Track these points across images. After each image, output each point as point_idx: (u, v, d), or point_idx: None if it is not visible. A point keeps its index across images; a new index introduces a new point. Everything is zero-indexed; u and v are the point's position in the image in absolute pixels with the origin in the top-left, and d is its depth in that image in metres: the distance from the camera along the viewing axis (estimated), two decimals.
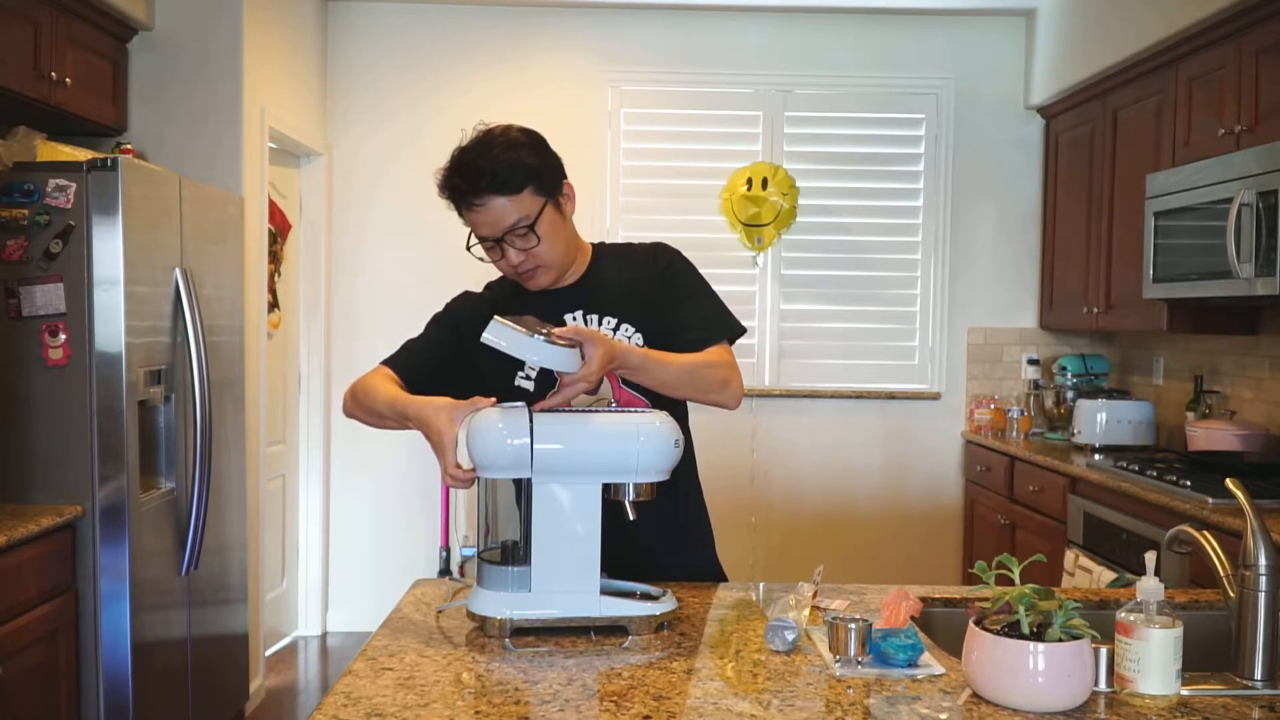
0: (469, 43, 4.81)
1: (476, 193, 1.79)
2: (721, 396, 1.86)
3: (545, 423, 1.61)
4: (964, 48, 4.87)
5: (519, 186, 1.79)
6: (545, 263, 1.87)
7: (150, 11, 3.65)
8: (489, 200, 1.79)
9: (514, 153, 1.80)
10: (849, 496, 4.94)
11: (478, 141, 1.82)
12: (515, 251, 1.83)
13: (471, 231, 1.87)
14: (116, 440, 2.81)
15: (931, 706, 1.32)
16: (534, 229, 1.81)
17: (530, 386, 1.90)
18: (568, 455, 1.60)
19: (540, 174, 1.82)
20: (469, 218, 1.84)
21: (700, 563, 2.02)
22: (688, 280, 1.98)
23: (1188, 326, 3.70)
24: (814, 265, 4.90)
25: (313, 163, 4.72)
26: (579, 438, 1.61)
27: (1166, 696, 1.34)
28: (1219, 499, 2.84)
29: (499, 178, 1.78)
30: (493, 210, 1.80)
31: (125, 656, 2.81)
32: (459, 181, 1.80)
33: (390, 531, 4.88)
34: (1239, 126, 3.24)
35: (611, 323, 1.92)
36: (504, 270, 1.91)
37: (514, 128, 1.85)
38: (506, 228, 1.81)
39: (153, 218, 2.98)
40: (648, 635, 1.60)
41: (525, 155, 1.81)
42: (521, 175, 1.79)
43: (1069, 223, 4.56)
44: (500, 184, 1.78)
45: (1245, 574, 1.46)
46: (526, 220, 1.81)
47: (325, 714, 1.29)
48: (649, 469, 1.61)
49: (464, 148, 1.83)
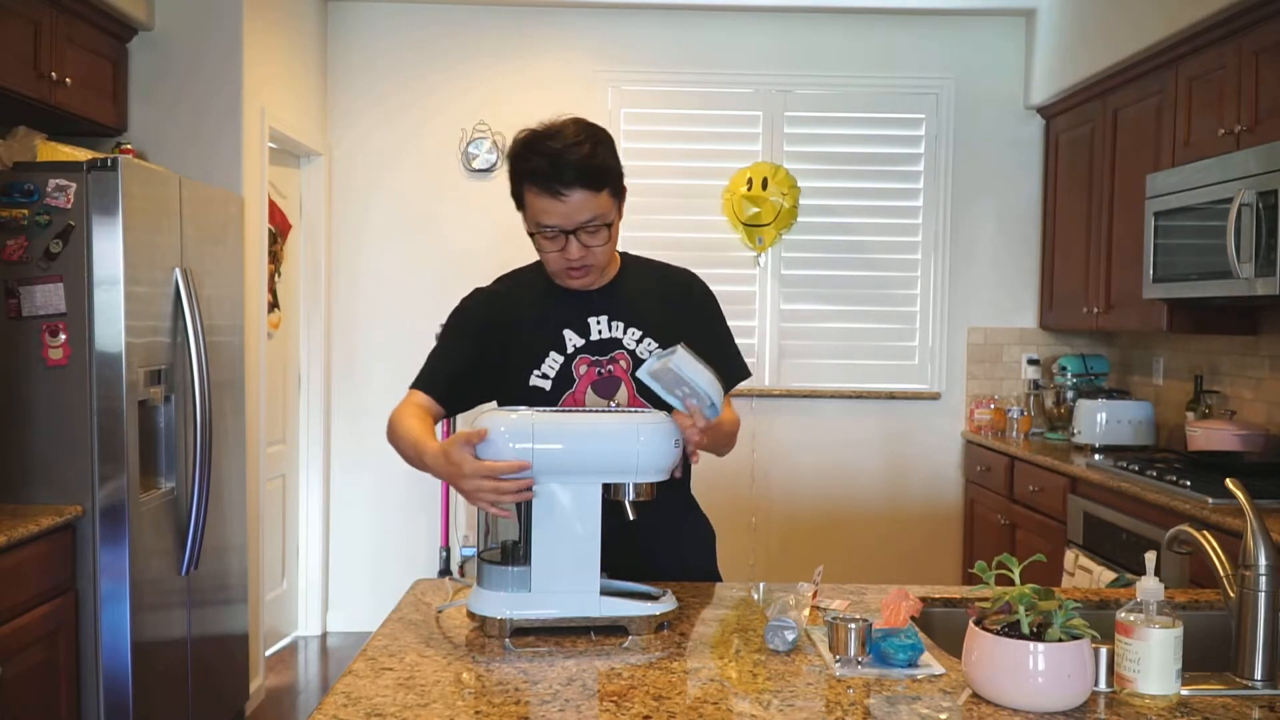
0: (469, 43, 4.81)
1: (566, 184, 1.78)
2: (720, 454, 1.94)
3: (546, 423, 1.61)
4: (964, 48, 4.87)
5: (603, 185, 1.81)
6: (599, 262, 1.88)
7: (150, 11, 3.65)
8: (576, 193, 1.79)
9: (604, 152, 1.82)
10: (849, 496, 4.93)
11: (566, 131, 1.81)
12: (579, 246, 1.83)
13: (529, 217, 1.84)
14: (116, 440, 2.81)
15: (931, 706, 1.32)
16: (610, 228, 1.84)
17: (546, 386, 1.91)
18: (568, 455, 1.60)
19: (619, 177, 1.86)
20: (542, 204, 1.80)
21: (697, 564, 2.02)
22: (716, 318, 2.02)
23: (1188, 326, 3.70)
24: (814, 265, 4.90)
25: (313, 163, 4.72)
26: (580, 438, 1.61)
27: (1166, 696, 1.34)
28: (1219, 499, 2.84)
29: (591, 174, 1.79)
30: (575, 203, 1.79)
31: (125, 656, 2.81)
32: (549, 168, 1.78)
33: (390, 531, 4.88)
34: (1239, 126, 3.24)
35: (636, 334, 1.93)
36: (554, 263, 1.88)
37: (594, 124, 1.86)
38: (581, 222, 1.81)
39: (153, 218, 2.98)
40: (648, 635, 1.60)
41: (610, 157, 1.83)
42: (608, 175, 1.82)
43: (1069, 223, 4.56)
44: (589, 179, 1.79)
45: (1245, 574, 1.46)
46: (603, 219, 1.82)
47: (325, 714, 1.29)
48: (649, 469, 1.61)
49: (550, 134, 1.80)
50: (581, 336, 1.93)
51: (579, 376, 1.92)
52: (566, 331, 1.93)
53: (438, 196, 4.81)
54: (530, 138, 1.82)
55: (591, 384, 1.91)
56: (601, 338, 1.93)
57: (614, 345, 1.93)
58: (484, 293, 2.02)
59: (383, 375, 4.84)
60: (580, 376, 1.92)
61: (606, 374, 1.92)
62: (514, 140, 1.85)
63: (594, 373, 1.91)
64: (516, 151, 1.83)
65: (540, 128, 1.83)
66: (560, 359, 1.91)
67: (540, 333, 1.93)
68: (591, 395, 1.91)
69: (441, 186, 4.81)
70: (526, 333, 1.94)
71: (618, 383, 1.92)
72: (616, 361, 1.92)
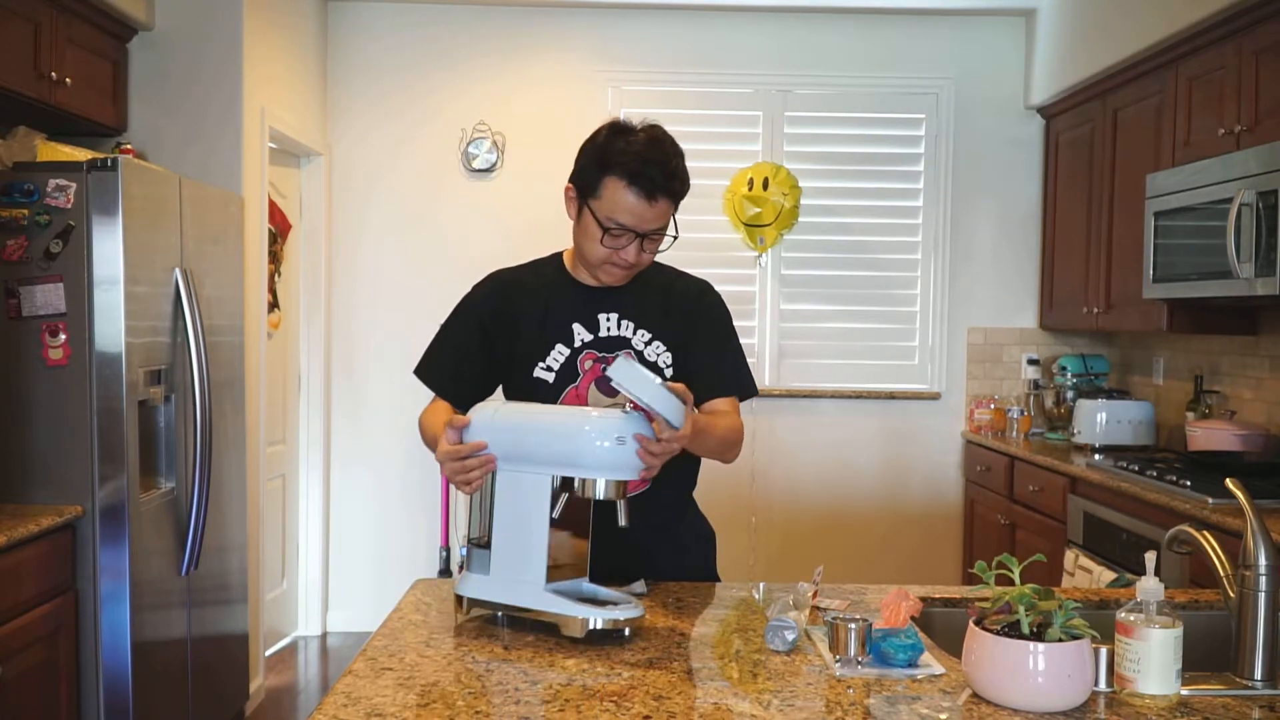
0: (469, 42, 4.81)
1: (664, 192, 1.81)
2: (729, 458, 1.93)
3: (508, 412, 1.65)
4: (964, 48, 4.87)
5: (679, 200, 1.86)
6: (640, 267, 1.90)
7: (150, 11, 3.65)
8: (664, 202, 1.82)
9: (685, 169, 1.86)
10: (849, 496, 4.93)
11: (666, 141, 1.84)
12: (637, 250, 1.85)
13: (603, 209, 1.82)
14: (116, 440, 2.81)
15: (931, 706, 1.32)
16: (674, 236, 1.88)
17: (550, 378, 1.91)
18: (519, 444, 1.63)
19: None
20: (629, 202, 1.80)
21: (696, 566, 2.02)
22: (725, 328, 2.01)
23: (1188, 326, 3.70)
24: (814, 265, 4.90)
25: (313, 163, 4.72)
26: (529, 430, 1.63)
27: (1166, 696, 1.34)
28: (1219, 499, 2.84)
29: (680, 189, 1.85)
30: (659, 210, 1.82)
31: (125, 656, 2.81)
32: (655, 174, 1.80)
33: (390, 531, 4.88)
34: (1239, 126, 3.24)
35: (646, 336, 1.93)
36: (602, 256, 1.86)
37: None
38: (654, 229, 1.84)
39: (153, 218, 2.98)
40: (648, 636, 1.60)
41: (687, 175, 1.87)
42: (687, 190, 1.87)
43: (1069, 223, 4.56)
44: (677, 194, 1.84)
45: (1245, 574, 1.46)
46: (669, 226, 1.86)
47: (325, 714, 1.29)
48: (594, 464, 1.58)
49: (653, 139, 1.82)
50: (590, 332, 1.92)
51: (583, 372, 1.91)
52: (575, 325, 1.92)
53: (438, 196, 4.81)
54: (632, 135, 1.82)
55: (595, 380, 1.91)
56: (610, 335, 1.92)
57: (622, 344, 1.92)
58: (498, 280, 2.02)
59: (382, 375, 4.84)
60: (585, 372, 1.91)
61: None
62: (609, 127, 1.85)
63: (599, 369, 1.91)
64: (608, 142, 1.82)
65: (638, 126, 1.84)
66: (566, 352, 1.91)
67: (549, 325, 1.93)
68: (594, 392, 1.91)
69: (441, 186, 4.81)
70: (535, 324, 1.94)
71: None
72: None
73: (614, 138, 1.82)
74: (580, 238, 1.89)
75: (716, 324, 2.01)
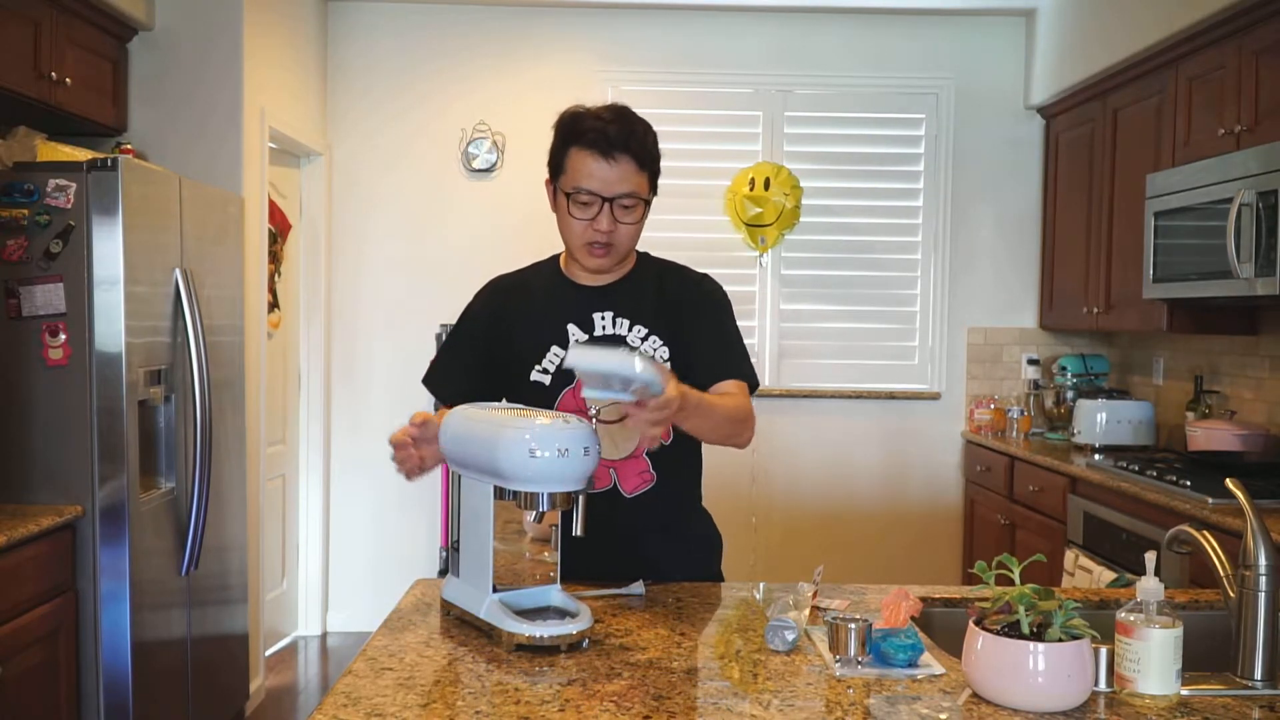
0: (469, 43, 4.81)
1: (623, 147, 1.82)
2: (739, 440, 1.88)
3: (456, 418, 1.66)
4: (963, 48, 4.87)
5: (647, 166, 1.86)
6: (623, 243, 1.89)
7: (150, 11, 3.65)
8: (625, 160, 1.82)
9: (653, 141, 1.88)
10: (849, 496, 4.94)
11: (626, 110, 1.87)
12: (608, 218, 1.84)
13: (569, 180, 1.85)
14: (116, 440, 2.81)
15: (931, 706, 1.32)
16: (645, 204, 1.88)
17: (546, 380, 1.91)
18: (463, 453, 1.64)
19: (657, 175, 1.91)
20: (589, 165, 1.83)
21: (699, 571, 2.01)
22: (724, 315, 1.98)
23: (1188, 326, 3.70)
24: (814, 265, 4.90)
25: (313, 163, 4.72)
26: (466, 439, 1.63)
27: (1166, 696, 1.34)
28: (1219, 499, 2.84)
29: (643, 148, 1.85)
30: (621, 170, 1.83)
31: (125, 656, 2.81)
32: (606, 131, 1.81)
33: (390, 531, 4.88)
34: (1239, 126, 3.24)
35: (642, 331, 1.92)
36: (580, 234, 1.87)
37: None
38: (621, 192, 1.83)
39: (153, 218, 2.98)
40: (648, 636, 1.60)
41: (657, 149, 1.90)
42: (652, 161, 1.88)
43: (1069, 223, 4.56)
44: (639, 154, 1.84)
45: (1245, 574, 1.46)
46: (638, 196, 1.85)
47: (325, 714, 1.29)
48: (509, 475, 1.52)
49: (613, 109, 1.86)
50: (585, 332, 1.92)
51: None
52: (570, 326, 1.92)
53: (438, 197, 4.81)
54: (585, 110, 1.86)
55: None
56: (605, 334, 1.92)
57: (617, 342, 1.91)
58: (495, 287, 2.03)
59: (382, 375, 4.84)
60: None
61: None
62: (565, 112, 1.88)
63: None
64: (569, 119, 1.86)
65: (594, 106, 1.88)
66: (561, 354, 1.91)
67: (544, 326, 1.92)
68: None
69: (441, 186, 4.81)
70: (531, 326, 1.94)
71: None
72: None
73: (570, 116, 1.87)
74: (560, 225, 1.91)
75: (716, 312, 1.98)
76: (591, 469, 1.54)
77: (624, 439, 1.90)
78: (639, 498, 1.92)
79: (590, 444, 1.52)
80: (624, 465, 1.92)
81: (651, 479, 1.92)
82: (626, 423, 1.57)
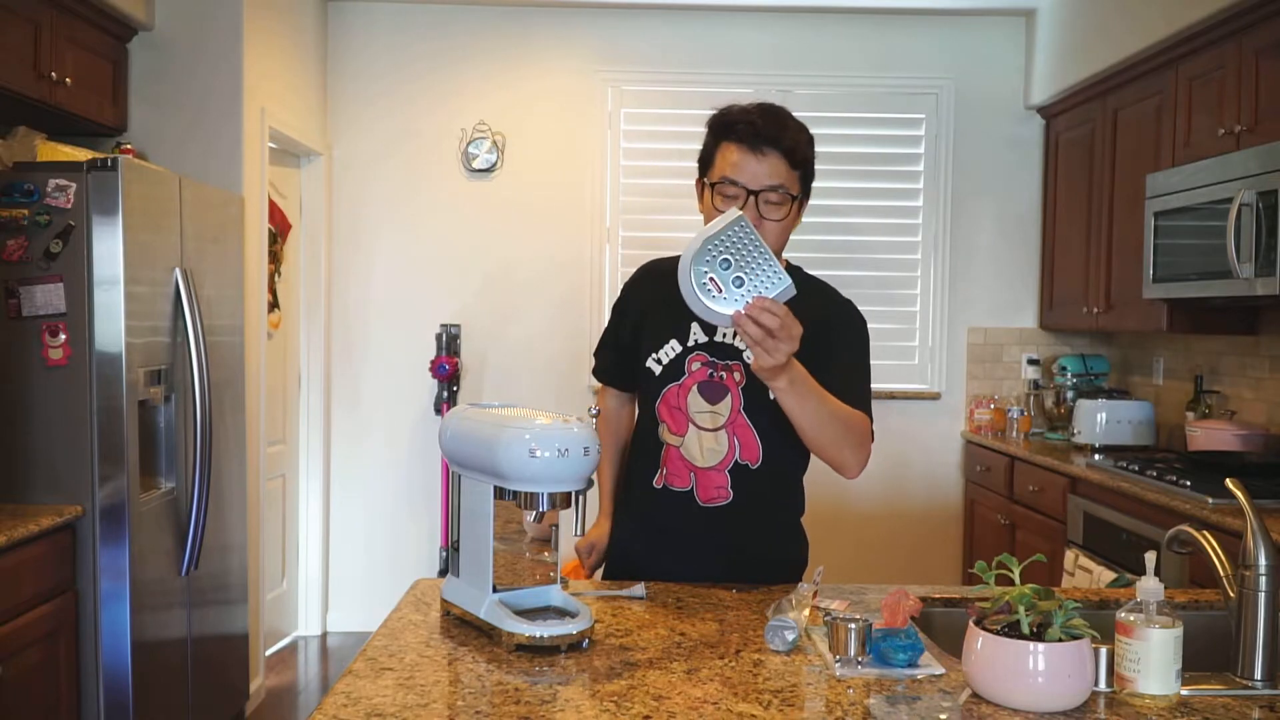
0: (469, 43, 4.81)
1: (772, 143, 1.81)
2: (848, 456, 1.83)
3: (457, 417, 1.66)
4: (963, 48, 4.87)
5: (798, 165, 1.85)
6: (768, 241, 1.83)
7: (150, 11, 3.65)
8: (773, 155, 1.81)
9: (810, 146, 1.88)
10: (849, 496, 4.93)
11: (778, 107, 1.87)
12: (753, 212, 1.82)
13: (716, 172, 1.85)
14: (116, 440, 2.81)
15: (931, 706, 1.32)
16: (795, 204, 1.85)
17: (657, 370, 1.92)
18: (463, 451, 1.63)
19: (810, 178, 1.89)
20: (737, 157, 1.82)
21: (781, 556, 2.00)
22: (861, 348, 1.96)
23: (1188, 326, 3.70)
24: (814, 265, 4.76)
25: (313, 162, 4.72)
26: (462, 435, 1.63)
27: (1166, 696, 1.34)
28: (1219, 499, 2.84)
29: (794, 149, 1.83)
30: (770, 164, 1.81)
31: (125, 656, 2.81)
32: (760, 125, 1.81)
33: (390, 531, 4.88)
34: (1239, 126, 3.24)
35: None
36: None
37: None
38: (769, 185, 1.81)
39: (153, 218, 2.98)
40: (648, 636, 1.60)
41: (812, 154, 1.89)
42: (804, 164, 1.86)
43: (1069, 223, 4.56)
44: (790, 150, 1.82)
45: (1245, 574, 1.46)
46: (787, 191, 1.83)
47: (325, 714, 1.29)
48: (509, 475, 1.52)
49: (764, 105, 1.86)
50: (707, 334, 1.91)
51: (689, 372, 1.90)
52: (694, 325, 1.91)
53: (438, 197, 4.81)
54: (736, 106, 1.86)
55: (699, 384, 1.89)
56: (724, 342, 1.90)
57: (734, 353, 1.89)
58: (643, 269, 2.07)
59: (383, 375, 4.84)
60: (690, 373, 1.90)
61: (717, 379, 1.89)
62: (718, 110, 1.88)
63: (705, 373, 1.89)
64: (721, 115, 1.87)
65: (746, 104, 1.87)
66: (679, 349, 1.90)
67: (671, 317, 1.91)
68: (696, 396, 1.89)
69: (441, 186, 4.80)
70: (660, 313, 1.94)
71: (725, 391, 1.88)
72: (731, 371, 1.89)
73: (726, 111, 1.86)
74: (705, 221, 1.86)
75: (855, 342, 1.94)
76: (591, 469, 1.55)
77: (712, 447, 1.89)
78: (712, 510, 1.92)
79: (591, 444, 1.53)
80: (704, 475, 1.91)
81: (727, 496, 1.91)
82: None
